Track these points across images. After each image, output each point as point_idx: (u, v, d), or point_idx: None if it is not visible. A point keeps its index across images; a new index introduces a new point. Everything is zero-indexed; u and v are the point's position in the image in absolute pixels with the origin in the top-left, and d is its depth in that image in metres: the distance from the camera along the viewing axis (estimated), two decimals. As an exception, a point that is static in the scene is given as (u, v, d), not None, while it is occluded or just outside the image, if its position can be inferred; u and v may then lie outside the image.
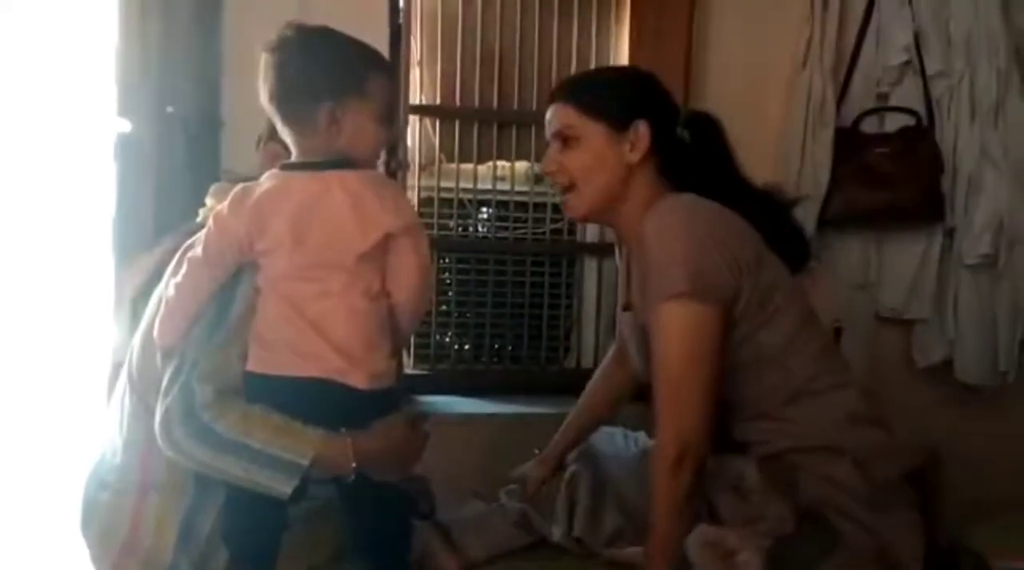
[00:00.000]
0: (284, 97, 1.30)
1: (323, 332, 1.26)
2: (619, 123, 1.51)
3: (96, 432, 1.52)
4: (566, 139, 1.53)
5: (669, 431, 1.36)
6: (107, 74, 2.08)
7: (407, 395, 2.36)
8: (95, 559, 1.40)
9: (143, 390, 1.36)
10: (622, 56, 2.61)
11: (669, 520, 1.34)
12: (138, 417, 1.36)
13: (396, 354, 1.40)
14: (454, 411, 2.39)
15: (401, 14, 2.21)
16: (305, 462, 1.24)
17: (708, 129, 1.59)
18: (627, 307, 1.66)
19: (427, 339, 2.57)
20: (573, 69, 2.60)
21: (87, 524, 1.41)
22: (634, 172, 1.51)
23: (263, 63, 1.31)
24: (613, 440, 1.81)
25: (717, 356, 1.38)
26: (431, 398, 2.46)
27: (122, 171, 2.05)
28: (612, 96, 1.53)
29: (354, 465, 1.27)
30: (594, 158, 1.51)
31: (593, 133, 1.51)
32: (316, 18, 1.39)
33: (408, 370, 2.52)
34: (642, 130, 1.50)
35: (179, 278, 1.31)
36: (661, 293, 1.37)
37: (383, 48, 2.15)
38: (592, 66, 2.60)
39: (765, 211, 1.52)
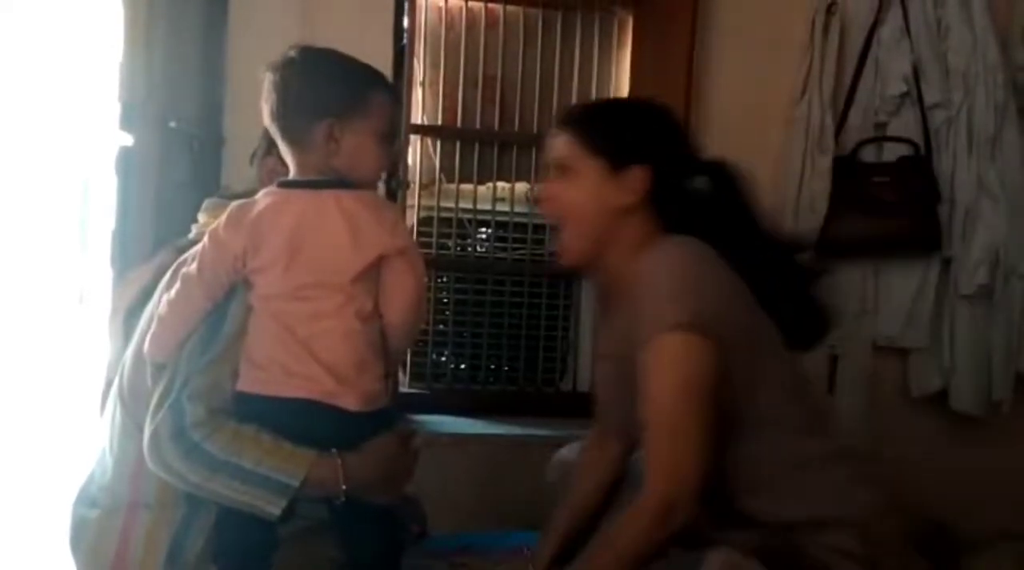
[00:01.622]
0: (285, 114, 1.30)
1: (315, 353, 1.25)
2: (616, 163, 1.41)
3: (88, 449, 1.51)
4: (561, 170, 1.45)
5: (660, 478, 1.27)
6: (110, 88, 2.09)
7: (401, 414, 2.36)
8: (85, 578, 1.39)
9: (134, 407, 1.35)
10: (623, 83, 2.63)
11: (629, 563, 1.27)
12: (128, 435, 1.35)
13: (388, 375, 1.39)
14: (449, 431, 2.39)
15: (405, 35, 2.23)
16: (295, 483, 1.23)
17: (728, 181, 1.48)
18: (604, 357, 1.55)
19: (424, 358, 2.58)
20: (574, 94, 2.62)
21: (77, 543, 1.40)
22: (624, 217, 1.42)
23: (266, 82, 1.31)
24: None
25: (712, 393, 1.29)
26: (427, 417, 2.46)
27: (123, 185, 2.05)
28: (614, 133, 1.43)
29: (344, 487, 1.26)
30: (584, 195, 1.42)
31: (587, 169, 1.42)
32: (321, 38, 1.40)
33: (404, 389, 2.52)
34: (639, 175, 1.41)
35: (172, 294, 1.30)
36: (658, 326, 1.30)
37: (387, 69, 2.17)
38: (593, 92, 2.62)
39: (785, 277, 1.44)
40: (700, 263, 1.36)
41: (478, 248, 2.63)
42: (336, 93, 1.29)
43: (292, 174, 1.34)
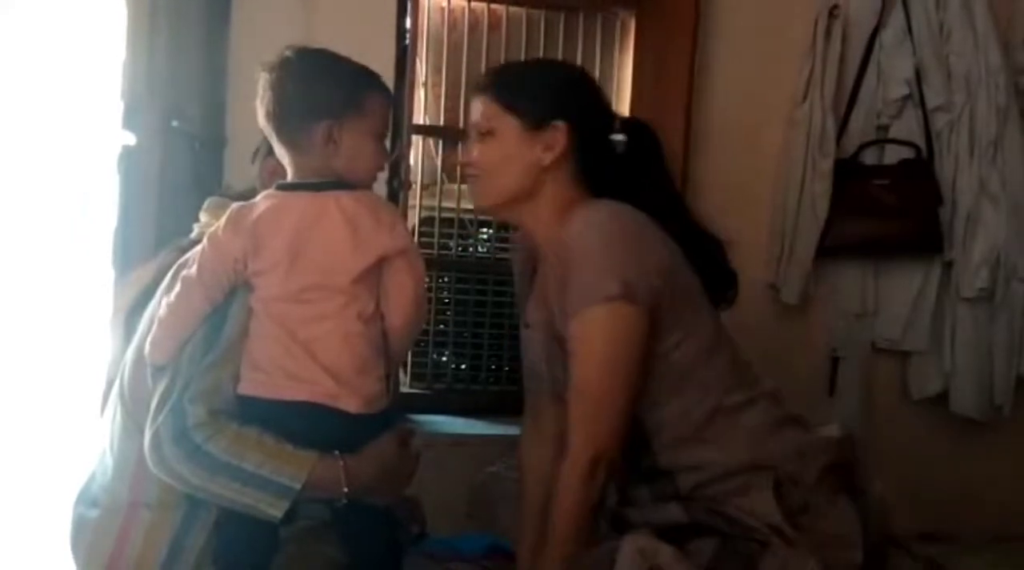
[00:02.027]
0: (281, 115, 1.29)
1: (315, 355, 1.25)
2: (535, 121, 1.42)
3: (88, 449, 1.50)
4: (481, 132, 1.45)
5: (583, 437, 1.35)
6: (113, 87, 2.09)
7: (401, 415, 2.35)
8: (81, 577, 1.39)
9: (134, 408, 1.34)
10: (625, 85, 2.63)
11: (573, 525, 1.34)
12: (129, 435, 1.34)
13: (389, 376, 1.38)
14: (450, 431, 2.38)
15: (407, 36, 2.23)
16: (297, 486, 1.23)
17: (645, 140, 1.50)
18: (532, 325, 1.56)
19: (424, 358, 2.57)
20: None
21: (76, 542, 1.39)
22: (546, 174, 1.43)
23: (261, 82, 1.31)
24: None
25: (640, 362, 1.36)
26: (427, 417, 2.45)
27: (125, 184, 2.05)
28: (532, 91, 1.44)
29: (346, 489, 1.26)
30: (505, 154, 1.43)
31: (506, 128, 1.42)
32: (323, 39, 1.40)
33: (404, 389, 2.52)
34: (559, 132, 1.42)
35: (172, 296, 1.29)
36: (589, 297, 1.34)
37: (389, 69, 2.17)
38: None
39: (694, 234, 1.49)
40: (629, 228, 1.38)
41: (479, 248, 2.64)
42: (334, 94, 1.29)
43: (289, 175, 1.33)
